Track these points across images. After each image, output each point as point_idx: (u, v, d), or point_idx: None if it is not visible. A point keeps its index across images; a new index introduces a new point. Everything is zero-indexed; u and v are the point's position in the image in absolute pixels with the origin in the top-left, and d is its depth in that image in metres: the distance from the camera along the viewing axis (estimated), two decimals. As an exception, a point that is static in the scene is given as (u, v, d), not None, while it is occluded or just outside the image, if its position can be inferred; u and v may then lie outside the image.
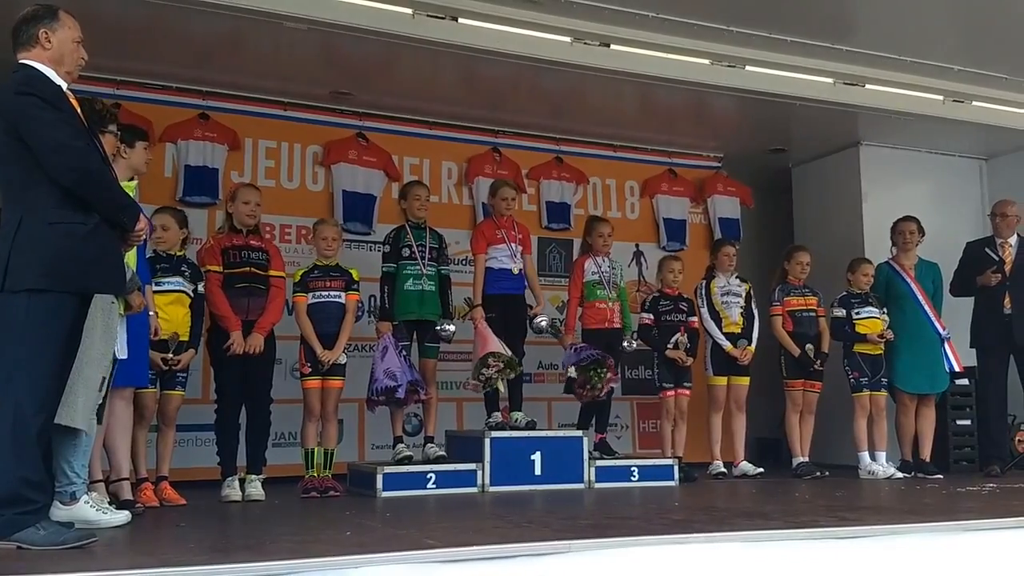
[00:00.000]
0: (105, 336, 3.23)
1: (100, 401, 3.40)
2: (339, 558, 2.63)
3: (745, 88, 6.28)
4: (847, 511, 4.05)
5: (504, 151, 7.25)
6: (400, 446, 5.36)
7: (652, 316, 6.13)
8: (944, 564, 3.29)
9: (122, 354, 3.65)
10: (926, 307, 6.37)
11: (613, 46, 5.80)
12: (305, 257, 5.82)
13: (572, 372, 5.62)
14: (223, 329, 4.78)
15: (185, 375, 4.78)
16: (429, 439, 5.47)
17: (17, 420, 2.97)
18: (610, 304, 5.98)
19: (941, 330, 6.33)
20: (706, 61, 6.06)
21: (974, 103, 6.85)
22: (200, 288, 4.82)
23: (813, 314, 6.33)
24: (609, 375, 5.64)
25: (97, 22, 4.20)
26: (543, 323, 5.61)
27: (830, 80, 6.42)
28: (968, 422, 6.83)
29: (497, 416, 5.56)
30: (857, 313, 6.27)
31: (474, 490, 5.10)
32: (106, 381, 3.35)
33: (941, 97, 6.74)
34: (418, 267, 5.41)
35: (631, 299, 6.68)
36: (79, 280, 3.13)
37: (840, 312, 6.29)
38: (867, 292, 6.33)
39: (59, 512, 3.28)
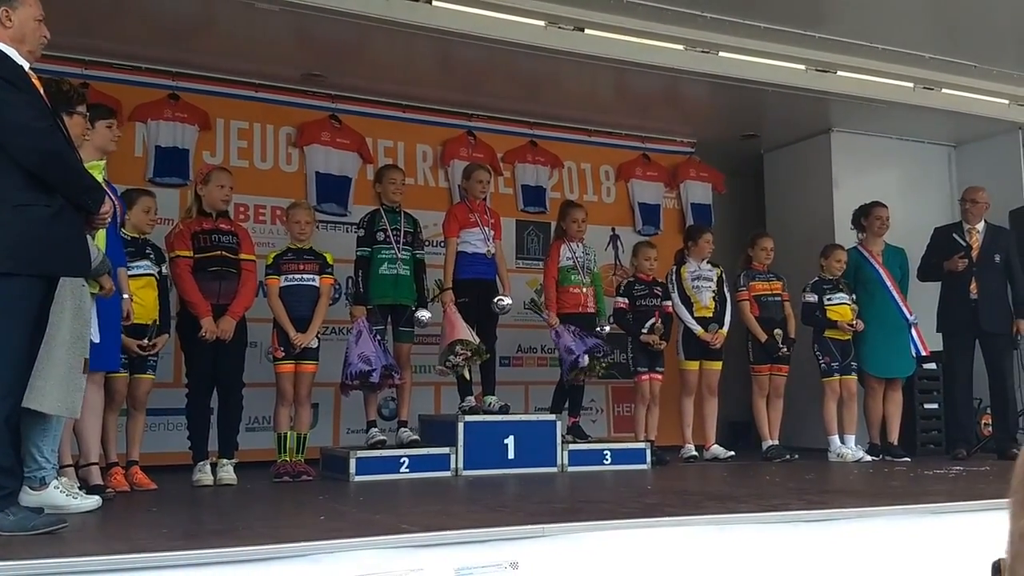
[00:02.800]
0: (77, 318, 3.18)
1: (84, 384, 3.36)
2: (313, 543, 2.63)
3: (718, 74, 6.29)
4: (816, 494, 4.12)
5: (479, 135, 7.22)
6: (373, 430, 5.36)
7: (627, 300, 6.16)
8: (912, 546, 3.35)
9: (95, 338, 3.61)
10: (894, 292, 6.45)
11: (588, 30, 5.79)
12: (279, 238, 5.77)
13: (585, 360, 5.63)
14: (193, 315, 4.74)
15: (156, 359, 4.73)
16: (403, 423, 5.47)
17: (-16, 405, 2.93)
18: (584, 289, 6.00)
19: (908, 315, 6.42)
20: (680, 47, 6.06)
21: (944, 90, 6.91)
22: (164, 270, 4.77)
23: (779, 299, 6.40)
24: (607, 365, 5.71)
25: (65, 1, 4.12)
26: (505, 302, 5.60)
27: (802, 67, 6.45)
28: (935, 406, 6.96)
29: (470, 400, 5.57)
30: (828, 299, 6.33)
31: (447, 474, 5.11)
32: (87, 363, 3.31)
33: (911, 84, 6.81)
34: (393, 251, 5.39)
35: (607, 283, 6.71)
36: (44, 263, 3.09)
37: (812, 298, 6.35)
38: (838, 278, 6.39)
39: (28, 497, 3.24)
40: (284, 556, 2.54)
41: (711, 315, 6.23)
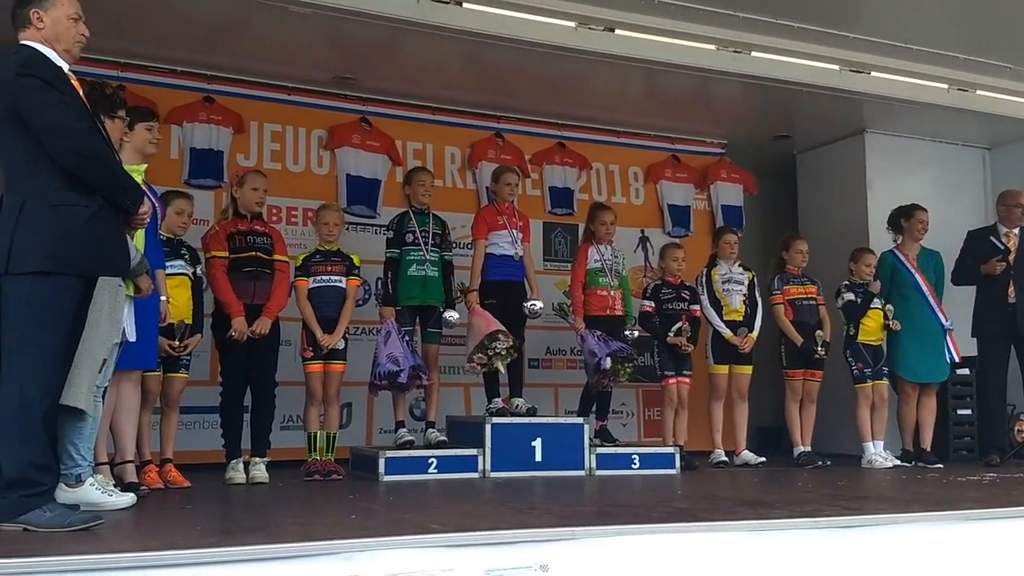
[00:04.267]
0: (110, 319, 3.23)
1: (104, 383, 3.40)
2: (346, 541, 2.64)
3: (750, 74, 6.26)
4: (850, 500, 4.07)
5: (507, 136, 7.23)
6: (402, 431, 5.38)
7: (653, 304, 6.12)
8: (945, 553, 3.31)
9: (131, 336, 3.66)
10: (929, 297, 6.36)
11: (618, 31, 5.78)
12: (310, 239, 5.83)
13: (607, 363, 5.61)
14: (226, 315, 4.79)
15: (189, 358, 4.79)
16: (430, 424, 5.49)
17: (23, 403, 2.97)
18: (611, 292, 5.98)
19: (944, 320, 6.33)
20: (712, 47, 6.04)
21: (978, 92, 6.83)
22: (198, 271, 4.83)
23: (813, 303, 6.32)
24: (631, 369, 5.68)
25: (101, 4, 4.18)
26: (535, 306, 5.60)
27: (836, 67, 6.40)
28: (968, 411, 6.85)
29: (498, 402, 5.57)
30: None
31: (475, 475, 5.12)
32: (106, 363, 3.35)
33: (946, 86, 6.73)
34: (421, 253, 5.42)
35: (637, 284, 6.69)
36: (83, 263, 3.11)
37: (850, 295, 6.26)
38: (868, 283, 6.31)
39: (64, 494, 3.28)
40: (317, 554, 2.55)
41: (741, 319, 6.18)
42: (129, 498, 3.60)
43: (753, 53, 6.13)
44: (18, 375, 2.98)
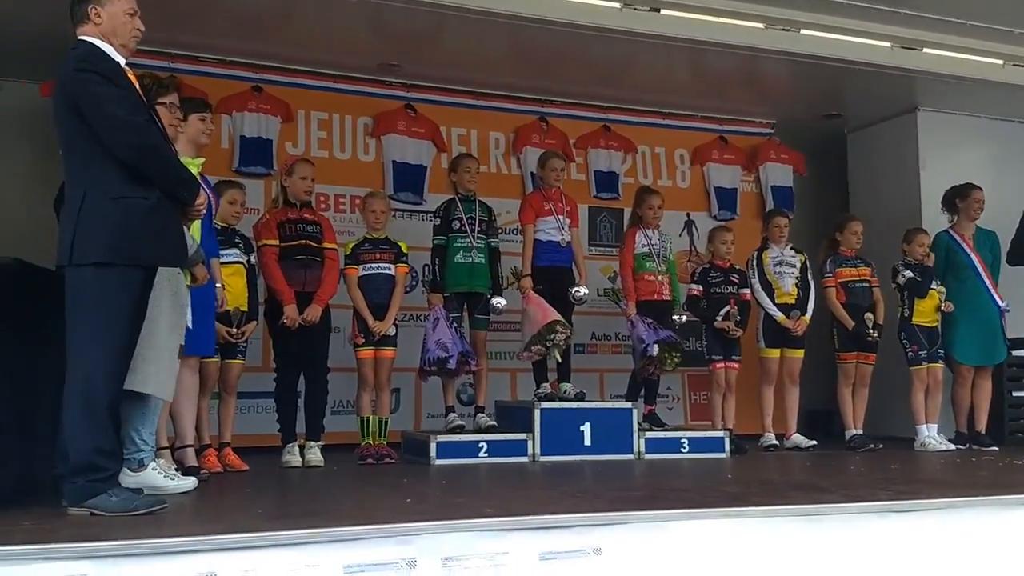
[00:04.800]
0: (173, 307, 3.30)
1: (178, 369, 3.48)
2: (403, 524, 2.69)
3: (799, 52, 6.14)
4: (904, 484, 4.02)
5: (551, 120, 7.21)
6: (452, 415, 5.43)
7: (701, 288, 6.08)
8: (1001, 537, 3.26)
9: (189, 324, 3.73)
10: (985, 278, 6.24)
11: (663, 11, 5.71)
12: (358, 227, 5.87)
13: (655, 350, 5.60)
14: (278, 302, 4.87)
15: (245, 344, 4.88)
16: (480, 409, 5.54)
17: (89, 391, 3.05)
18: (659, 276, 5.94)
19: (1000, 301, 6.20)
20: (759, 25, 5.94)
21: (1035, 66, 6.65)
22: (253, 259, 4.91)
23: (866, 284, 6.23)
24: (678, 357, 5.67)
25: (154, -2, 4.23)
26: (581, 292, 5.59)
27: (887, 44, 6.26)
28: (1025, 393, 6.73)
29: (546, 387, 5.59)
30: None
31: (525, 459, 5.15)
32: (182, 350, 3.42)
33: (1001, 61, 6.55)
34: (468, 240, 5.44)
35: (682, 269, 6.64)
36: (143, 253, 3.18)
37: (909, 273, 6.15)
38: (922, 263, 6.20)
39: (128, 479, 3.36)
40: (375, 536, 2.60)
41: (793, 302, 6.10)
42: (190, 482, 3.69)
43: (802, 31, 6.02)
44: (82, 364, 3.06)
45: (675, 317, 5.92)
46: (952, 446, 6.06)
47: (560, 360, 5.43)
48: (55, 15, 3.48)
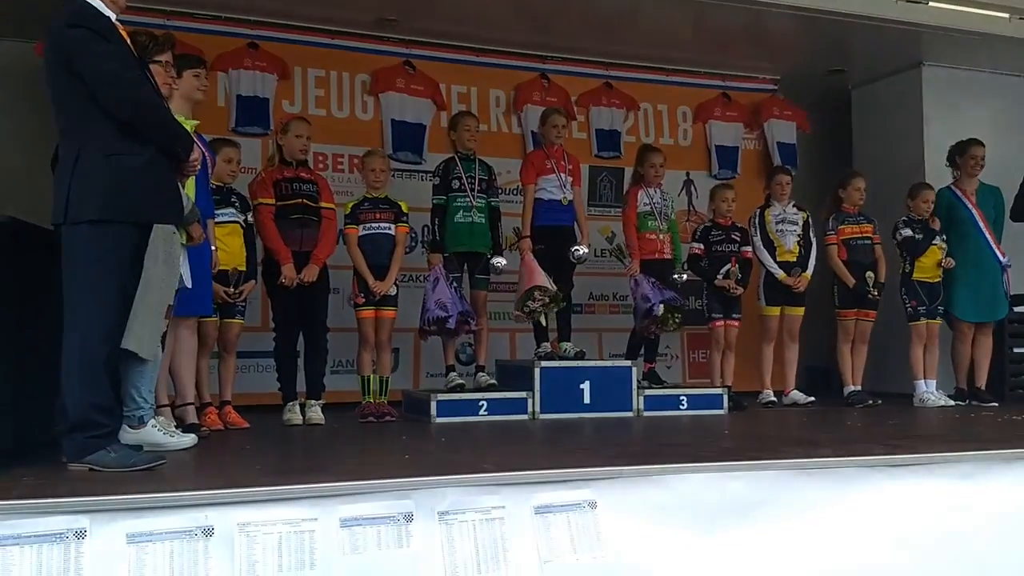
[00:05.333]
0: (167, 265, 3.29)
1: (164, 329, 3.49)
2: (402, 480, 2.72)
3: (803, 6, 6.06)
4: (900, 439, 4.04)
5: (553, 77, 7.13)
6: (452, 374, 5.46)
7: (702, 246, 6.07)
8: (999, 492, 3.28)
9: (187, 283, 3.74)
10: (987, 234, 6.20)
11: (666, -35, 5.64)
12: (357, 187, 5.84)
13: (660, 310, 5.60)
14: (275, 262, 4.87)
15: (244, 304, 4.89)
16: (480, 368, 5.57)
17: (85, 348, 3.06)
18: (660, 235, 5.94)
19: (1001, 257, 6.18)
20: (763, -22, 5.86)
21: (1043, 20, 6.54)
22: (250, 218, 4.89)
23: (868, 242, 6.20)
24: (680, 318, 5.69)
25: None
26: (581, 252, 5.59)
27: (892, -3, 6.18)
28: (1026, 350, 6.73)
29: (546, 346, 5.61)
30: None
31: (524, 417, 5.18)
32: (171, 309, 3.43)
33: (1007, 15, 6.45)
34: (468, 199, 5.42)
35: (681, 229, 6.62)
36: (138, 210, 3.17)
37: (908, 231, 6.13)
38: (926, 219, 6.16)
39: (128, 436, 3.39)
40: (372, 491, 2.62)
41: (795, 260, 6.08)
42: (190, 439, 3.73)
43: (806, -16, 5.94)
44: (79, 321, 3.07)
45: (675, 276, 5.92)
46: (951, 402, 6.08)
47: (544, 323, 5.44)
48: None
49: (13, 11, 5.64)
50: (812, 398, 6.12)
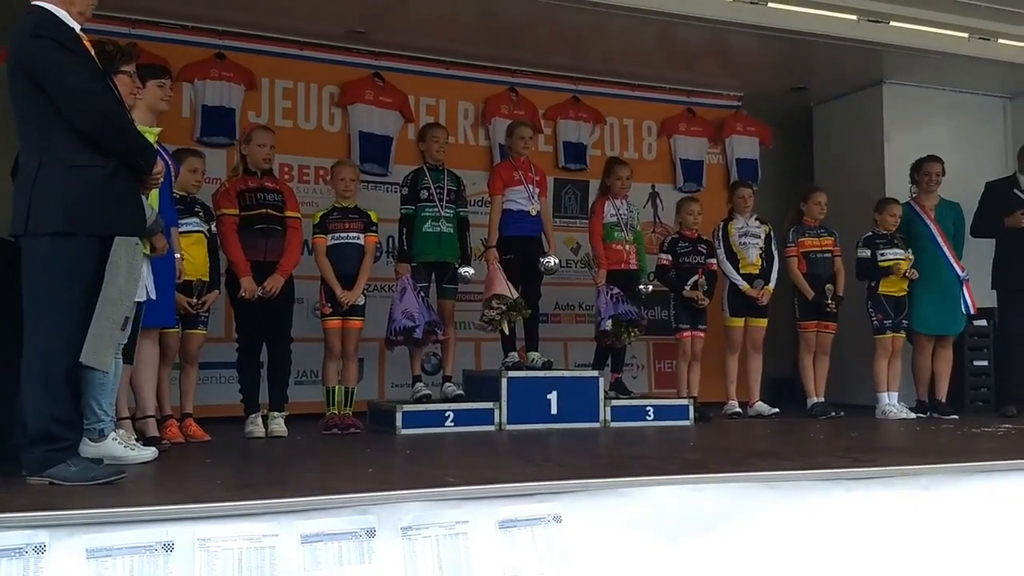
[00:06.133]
0: (129, 277, 3.26)
1: (123, 341, 3.45)
2: (364, 495, 2.70)
3: (767, 25, 6.15)
4: (862, 452, 4.10)
5: (521, 91, 7.17)
6: (419, 384, 5.44)
7: (670, 257, 6.12)
8: (958, 505, 3.33)
9: (151, 295, 3.70)
10: (944, 248, 6.31)
11: (632, -18, 5.69)
12: (323, 198, 5.84)
13: (608, 325, 5.64)
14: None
15: (207, 314, 4.85)
16: (447, 378, 5.55)
17: (45, 360, 3.03)
18: (626, 246, 5.99)
19: (960, 271, 6.29)
20: (728, -3, 5.94)
21: (1000, 40, 6.69)
22: (213, 228, 4.86)
23: (828, 255, 6.30)
24: (638, 333, 5.73)
25: (111, -40, 4.15)
26: (550, 263, 5.62)
27: (854, 17, 6.28)
28: (985, 363, 6.85)
29: (514, 356, 5.62)
30: (882, 255, 6.20)
31: (491, 428, 5.18)
32: (129, 321, 3.39)
33: (966, 34, 6.59)
34: (436, 209, 5.42)
35: (647, 240, 6.67)
36: (100, 222, 3.15)
37: (865, 253, 6.23)
38: (893, 233, 6.27)
39: (88, 449, 3.35)
40: (336, 507, 2.61)
41: (757, 272, 6.17)
42: (151, 452, 3.69)
43: (770, 4, 6.02)
44: (39, 334, 3.04)
45: (641, 287, 5.97)
46: (912, 414, 6.17)
47: (506, 331, 5.46)
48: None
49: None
50: (776, 409, 6.19)
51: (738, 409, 6.20)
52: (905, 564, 3.12)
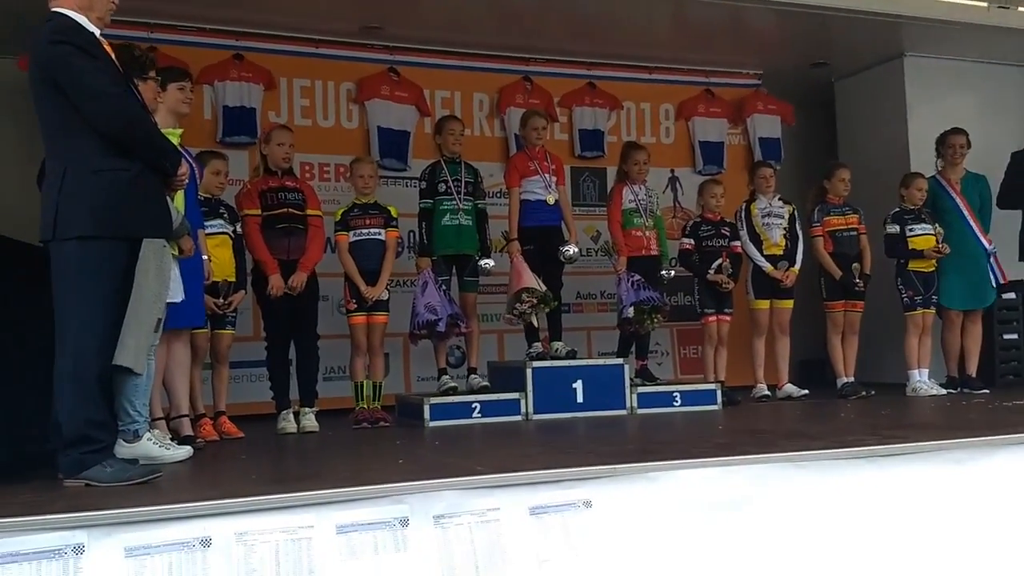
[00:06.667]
0: (158, 279, 3.30)
1: (156, 342, 3.50)
2: (396, 484, 2.72)
3: (785, 1, 6.09)
4: (893, 429, 4.07)
5: (536, 79, 7.16)
6: (445, 377, 5.47)
7: (692, 241, 6.09)
8: (991, 479, 3.30)
9: (178, 296, 3.75)
10: (971, 222, 6.24)
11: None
12: (344, 195, 5.86)
13: (630, 312, 5.63)
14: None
15: (235, 314, 4.90)
16: (472, 370, 5.57)
17: (78, 364, 3.06)
18: (646, 232, 5.95)
19: (987, 244, 6.22)
20: (743, -26, 5.90)
21: (1020, 8, 6.58)
22: (238, 229, 4.91)
23: (854, 233, 6.23)
24: (661, 318, 5.69)
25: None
26: (571, 251, 5.60)
27: (871, -11, 6.22)
28: (1015, 336, 6.78)
29: (538, 346, 5.62)
30: (911, 230, 6.14)
31: (518, 418, 5.20)
32: (161, 323, 3.43)
33: (986, 3, 6.49)
34: (454, 202, 5.43)
35: (667, 226, 6.65)
36: (127, 225, 3.18)
37: (894, 229, 6.16)
38: (920, 208, 6.20)
39: (123, 450, 3.39)
40: (369, 497, 2.63)
41: (781, 253, 6.12)
42: (186, 451, 3.73)
43: (786, -22, 5.98)
44: (70, 338, 3.07)
45: (663, 272, 5.94)
46: (943, 391, 6.11)
47: (536, 324, 5.45)
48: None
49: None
50: (806, 391, 6.15)
51: (767, 392, 6.16)
52: (939, 539, 3.10)
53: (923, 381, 6.14)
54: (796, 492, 3.06)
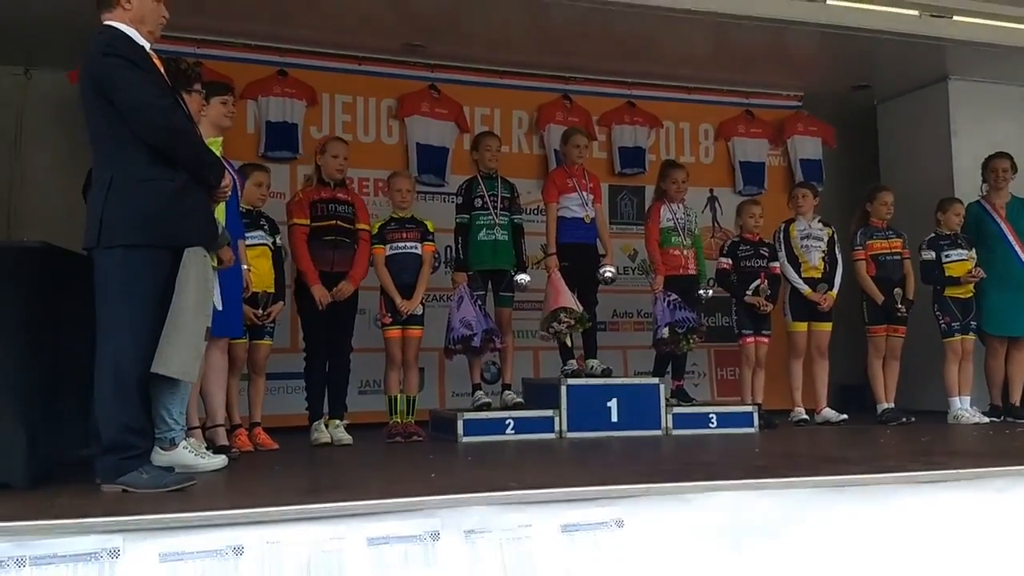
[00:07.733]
0: (200, 288, 3.34)
1: (203, 351, 3.54)
2: (428, 498, 2.72)
3: (827, 23, 6.07)
4: (934, 456, 3.99)
5: (575, 98, 7.18)
6: (479, 393, 5.47)
7: (730, 261, 6.04)
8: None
9: (218, 306, 3.79)
10: (1016, 247, 6.13)
11: (686, -15, 5.67)
12: (382, 209, 5.91)
13: (665, 332, 5.59)
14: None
15: (272, 325, 4.94)
16: (506, 386, 5.57)
17: (118, 371, 3.10)
18: (684, 251, 5.92)
19: (1033, 270, 6.10)
20: (784, -4, 5.88)
21: (1069, 32, 6.49)
22: (278, 241, 4.96)
23: (898, 257, 6.14)
24: (697, 339, 5.65)
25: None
26: (608, 274, 5.58)
27: (915, 12, 6.16)
28: (1061, 364, 6.59)
29: (573, 364, 5.60)
30: (947, 256, 6.07)
31: (552, 436, 5.17)
32: (210, 331, 3.48)
33: (1033, 27, 6.41)
34: (491, 217, 5.45)
35: (706, 245, 6.61)
36: (171, 235, 3.23)
37: (929, 255, 6.09)
38: (956, 233, 6.11)
39: (159, 457, 3.43)
40: (401, 510, 2.63)
41: (820, 276, 6.04)
42: (221, 460, 3.76)
43: (829, 1, 5.93)
44: (112, 344, 3.12)
45: (700, 292, 5.90)
46: (986, 419, 5.98)
47: (570, 344, 5.43)
48: (83, 2, 3.52)
49: (50, 40, 5.78)
50: (845, 416, 6.04)
51: (805, 416, 6.06)
52: (979, 568, 3.02)
53: (965, 409, 6.01)
54: (834, 517, 3.01)
